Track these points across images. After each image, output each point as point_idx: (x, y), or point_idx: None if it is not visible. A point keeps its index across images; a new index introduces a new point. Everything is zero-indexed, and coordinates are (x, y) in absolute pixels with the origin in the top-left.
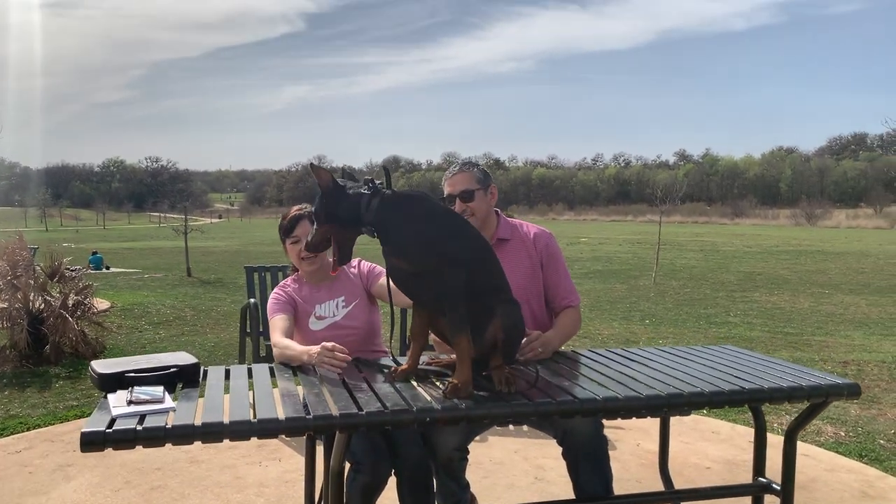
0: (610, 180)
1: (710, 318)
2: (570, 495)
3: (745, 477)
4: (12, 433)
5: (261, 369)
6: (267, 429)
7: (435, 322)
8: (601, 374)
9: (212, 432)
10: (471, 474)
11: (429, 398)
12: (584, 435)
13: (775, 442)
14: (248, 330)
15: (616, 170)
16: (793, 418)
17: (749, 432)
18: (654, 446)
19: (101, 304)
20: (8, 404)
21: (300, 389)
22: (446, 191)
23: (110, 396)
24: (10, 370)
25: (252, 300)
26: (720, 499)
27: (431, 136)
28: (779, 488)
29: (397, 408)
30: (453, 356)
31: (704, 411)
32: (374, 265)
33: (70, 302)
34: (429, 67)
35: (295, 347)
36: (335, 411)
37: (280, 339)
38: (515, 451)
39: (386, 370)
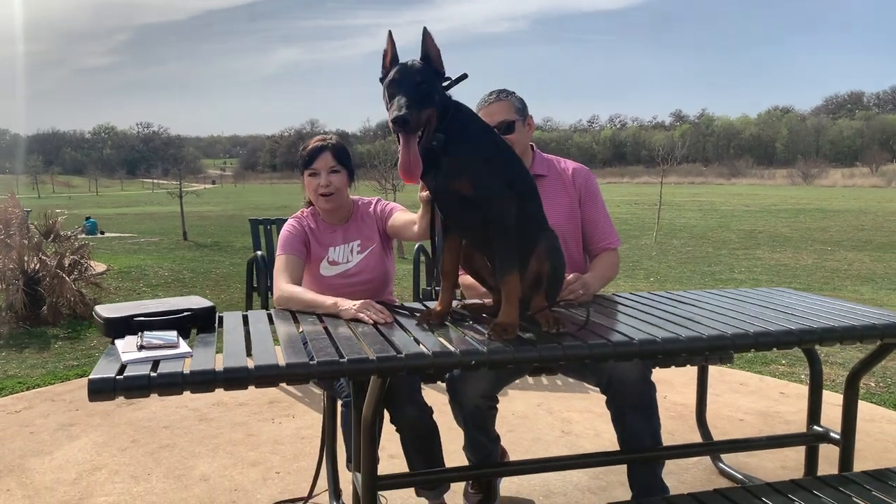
0: (606, 142)
1: (714, 275)
2: (598, 449)
3: (782, 428)
4: (10, 393)
5: (282, 314)
6: (297, 374)
7: (469, 259)
8: (652, 315)
9: (236, 378)
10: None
11: (471, 340)
12: (632, 381)
13: (805, 393)
14: (255, 284)
15: (612, 131)
16: (822, 368)
17: (778, 384)
18: (682, 398)
19: (97, 266)
20: (5, 365)
21: (327, 333)
22: None
23: (118, 342)
24: (6, 331)
25: (259, 252)
26: (761, 450)
27: None
28: (838, 437)
29: (439, 350)
30: (486, 300)
31: (728, 364)
32: (388, 203)
33: (66, 262)
34: (421, 29)
35: (317, 295)
36: (372, 354)
37: (288, 285)
38: (538, 405)
39: (417, 313)
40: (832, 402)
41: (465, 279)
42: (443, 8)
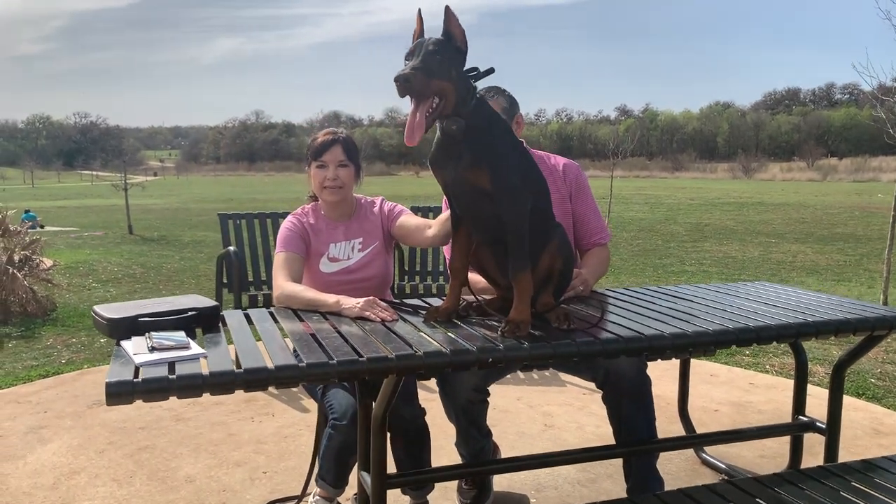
0: (553, 136)
1: (666, 268)
2: (582, 442)
3: (755, 417)
4: None
5: (285, 312)
6: (317, 374)
7: (477, 256)
8: (652, 310)
9: (257, 380)
10: None
11: (484, 338)
12: (629, 375)
13: (773, 383)
14: (225, 280)
15: (558, 125)
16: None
17: (746, 374)
18: (657, 391)
19: (44, 262)
20: None
21: (337, 332)
22: None
23: (125, 344)
24: None
25: (231, 248)
26: (749, 440)
27: (372, 91)
28: (823, 426)
29: (456, 348)
30: (485, 296)
31: (709, 356)
32: (395, 204)
33: (16, 258)
34: (367, 20)
35: (319, 293)
36: (390, 353)
37: (289, 283)
38: (518, 399)
39: (421, 311)
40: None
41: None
42: None
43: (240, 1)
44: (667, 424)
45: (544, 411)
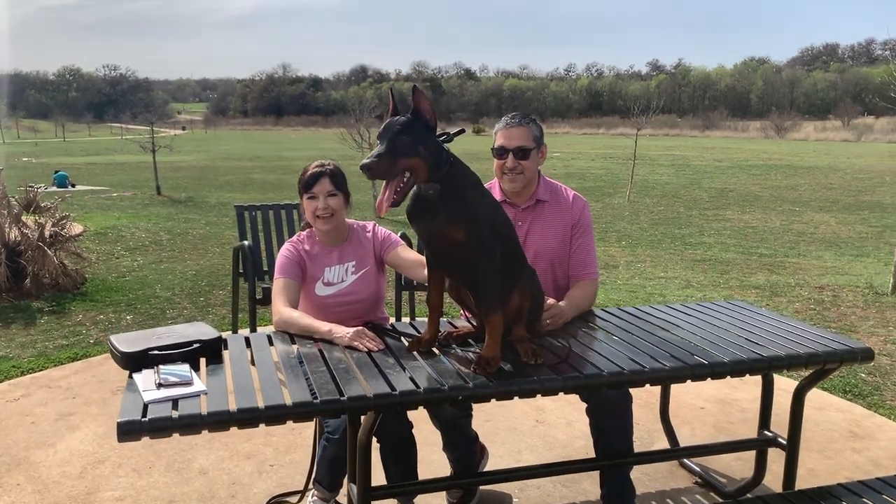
0: (582, 91)
1: (684, 239)
2: (570, 439)
3: (738, 416)
4: (6, 378)
5: (282, 337)
6: (302, 413)
7: (456, 291)
8: (626, 341)
9: (248, 419)
10: (474, 419)
11: (457, 373)
12: (613, 394)
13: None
14: (241, 271)
15: (588, 80)
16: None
17: None
18: (655, 387)
19: (74, 228)
20: None
21: (323, 358)
22: (498, 142)
23: (136, 377)
24: None
25: (246, 242)
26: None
27: (399, 44)
28: (785, 442)
29: (430, 387)
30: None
31: None
32: (390, 233)
33: (47, 233)
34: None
35: (314, 321)
36: (369, 392)
37: (287, 309)
38: None
39: (408, 339)
40: (785, 389)
41: None
42: None
43: None
44: (653, 422)
45: (538, 406)
